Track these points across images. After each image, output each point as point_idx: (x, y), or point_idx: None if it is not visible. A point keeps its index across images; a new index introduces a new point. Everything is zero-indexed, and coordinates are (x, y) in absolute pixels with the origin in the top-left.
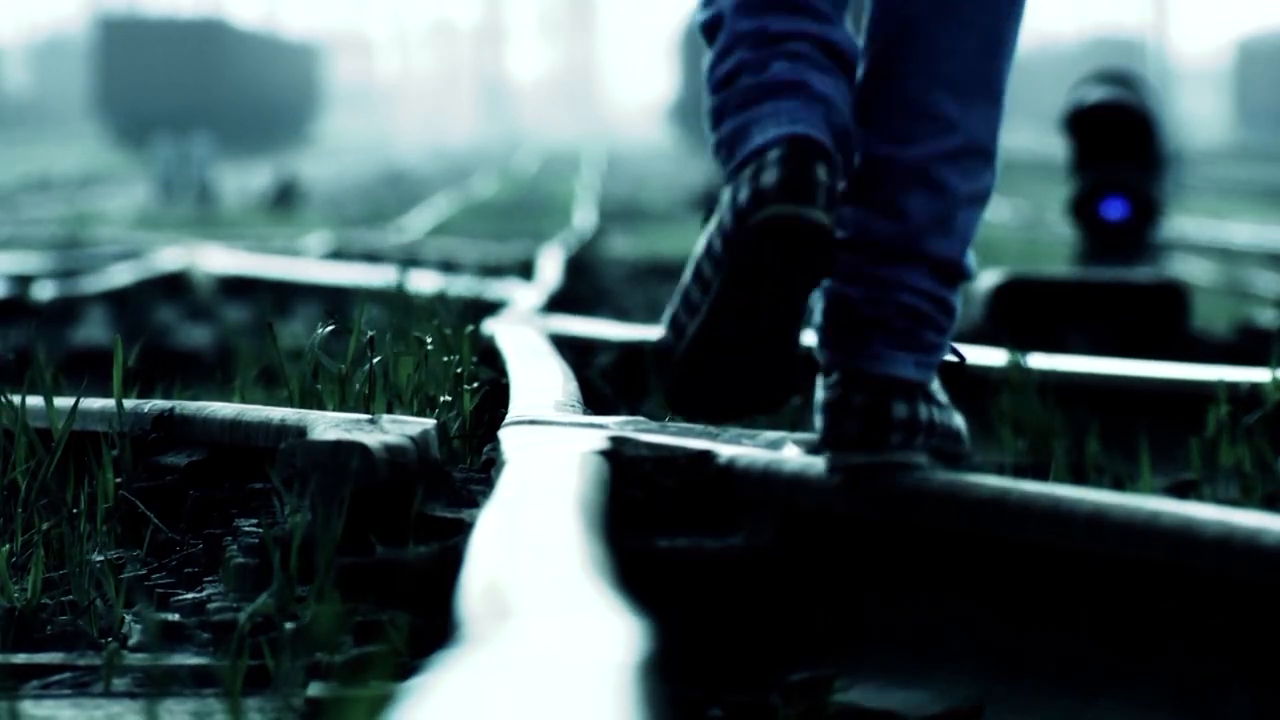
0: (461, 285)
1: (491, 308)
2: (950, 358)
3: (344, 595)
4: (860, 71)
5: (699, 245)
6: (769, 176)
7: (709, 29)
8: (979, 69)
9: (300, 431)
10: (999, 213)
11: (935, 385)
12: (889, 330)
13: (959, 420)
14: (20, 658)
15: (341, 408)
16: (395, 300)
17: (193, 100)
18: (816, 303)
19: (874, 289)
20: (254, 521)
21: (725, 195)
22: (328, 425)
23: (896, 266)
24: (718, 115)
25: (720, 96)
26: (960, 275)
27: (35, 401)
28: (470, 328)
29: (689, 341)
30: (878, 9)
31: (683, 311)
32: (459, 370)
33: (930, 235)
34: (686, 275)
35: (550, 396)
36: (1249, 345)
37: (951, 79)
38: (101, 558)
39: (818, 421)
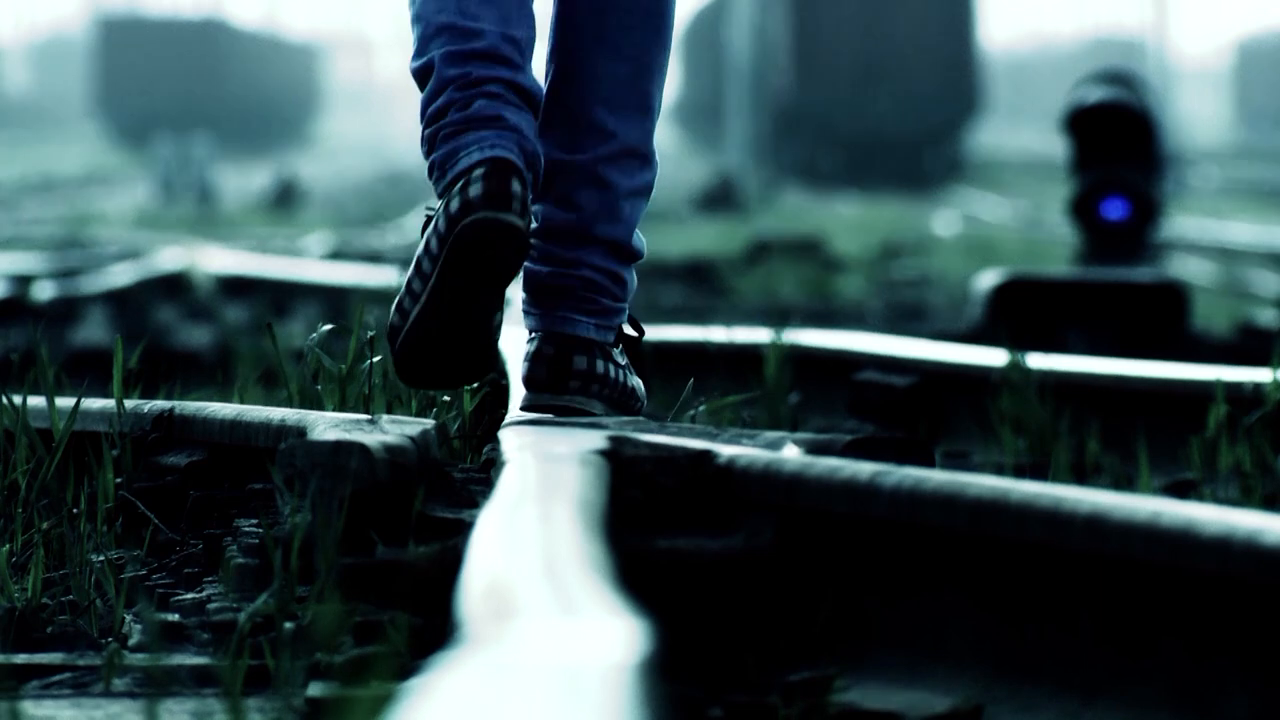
0: None
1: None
2: (630, 330)
3: (344, 595)
4: (545, 91)
5: (420, 246)
6: (475, 190)
7: (421, 74)
8: (632, 89)
9: (300, 431)
10: (999, 213)
11: (618, 351)
12: (573, 298)
13: (636, 381)
14: (20, 658)
15: (341, 408)
16: None
17: (193, 100)
18: (518, 285)
19: (559, 266)
20: (254, 521)
21: (440, 206)
22: (328, 425)
23: (576, 248)
24: (430, 143)
25: (432, 128)
26: (630, 254)
27: (35, 402)
28: None
29: (412, 322)
30: (552, 43)
31: (407, 299)
32: None
33: (600, 222)
34: (410, 270)
35: None
36: (1249, 345)
37: (609, 97)
38: (101, 558)
39: (521, 370)
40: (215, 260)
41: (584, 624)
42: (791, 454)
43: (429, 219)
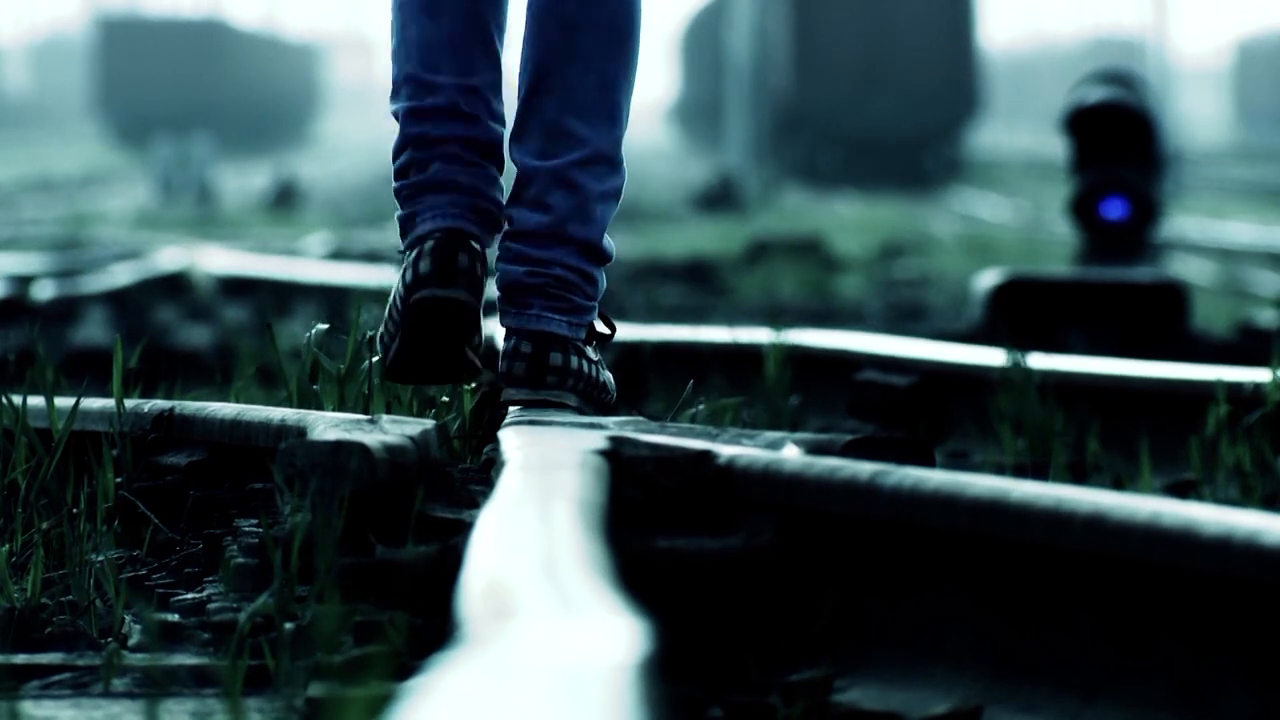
0: None
1: (491, 308)
2: (601, 328)
3: (344, 595)
4: (519, 101)
5: (392, 291)
6: (424, 265)
7: (395, 119)
8: (600, 99)
9: (300, 431)
10: (999, 213)
11: (590, 347)
12: (546, 296)
13: (608, 375)
14: (20, 658)
15: (341, 408)
16: None
17: (193, 100)
18: (492, 283)
19: (533, 266)
20: (254, 521)
21: (401, 267)
22: (328, 425)
23: (548, 249)
24: (398, 198)
25: (397, 184)
26: (601, 255)
27: (35, 401)
28: None
29: (392, 357)
30: (524, 57)
31: (386, 334)
32: None
33: (571, 223)
34: (389, 299)
35: None
36: (1249, 345)
37: (579, 106)
38: (101, 558)
39: (500, 366)
40: (215, 260)
41: (584, 624)
42: (791, 454)
43: (403, 261)
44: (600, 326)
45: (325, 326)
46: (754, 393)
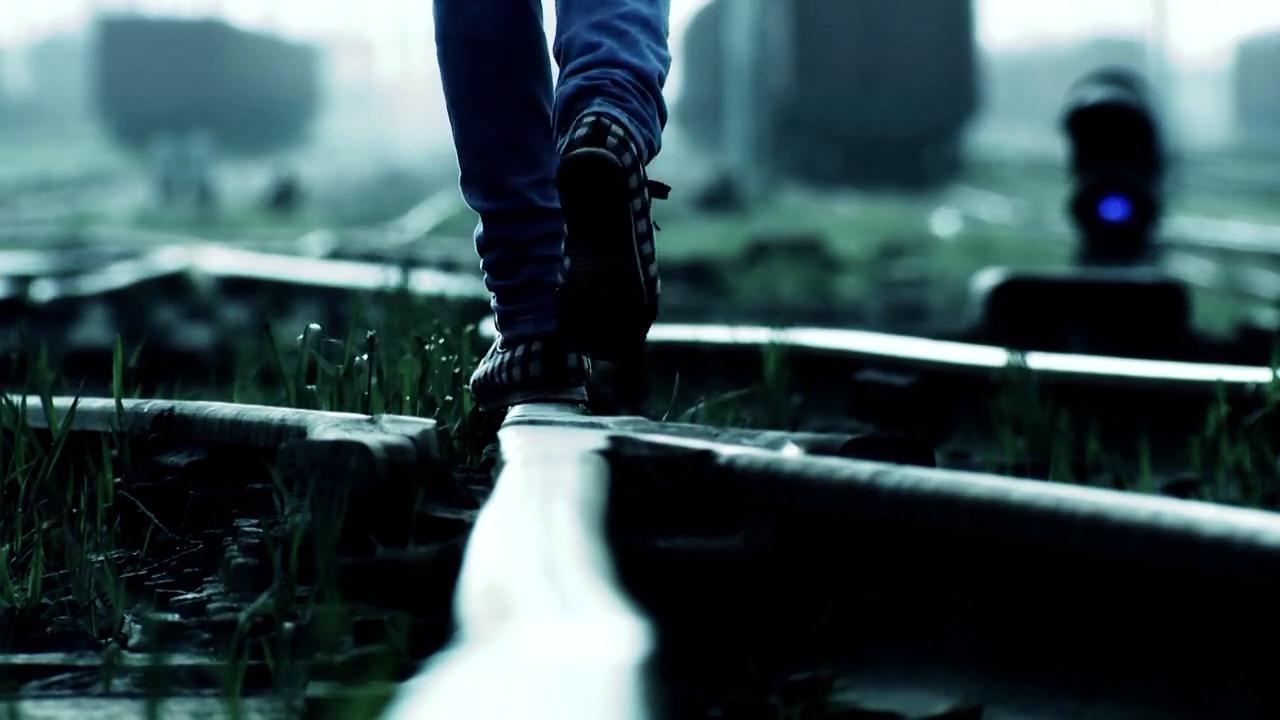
0: (462, 285)
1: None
2: (661, 184)
3: (344, 595)
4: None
5: (491, 364)
6: (535, 369)
7: (472, 208)
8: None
9: (300, 431)
10: (999, 213)
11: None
12: (604, 95)
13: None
14: (20, 658)
15: (341, 408)
16: (395, 300)
17: (193, 100)
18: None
19: (589, 76)
20: (254, 521)
21: (505, 356)
22: (328, 425)
23: (604, 69)
24: (490, 288)
25: (488, 277)
26: (657, 93)
27: (35, 401)
28: (470, 328)
29: (488, 406)
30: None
31: (482, 389)
32: (459, 370)
33: (623, 52)
34: (481, 373)
35: None
36: (1249, 345)
37: (628, 13)
38: (101, 558)
39: (513, 375)
40: (215, 260)
41: (584, 624)
42: (791, 454)
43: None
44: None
45: (317, 327)
46: (754, 393)
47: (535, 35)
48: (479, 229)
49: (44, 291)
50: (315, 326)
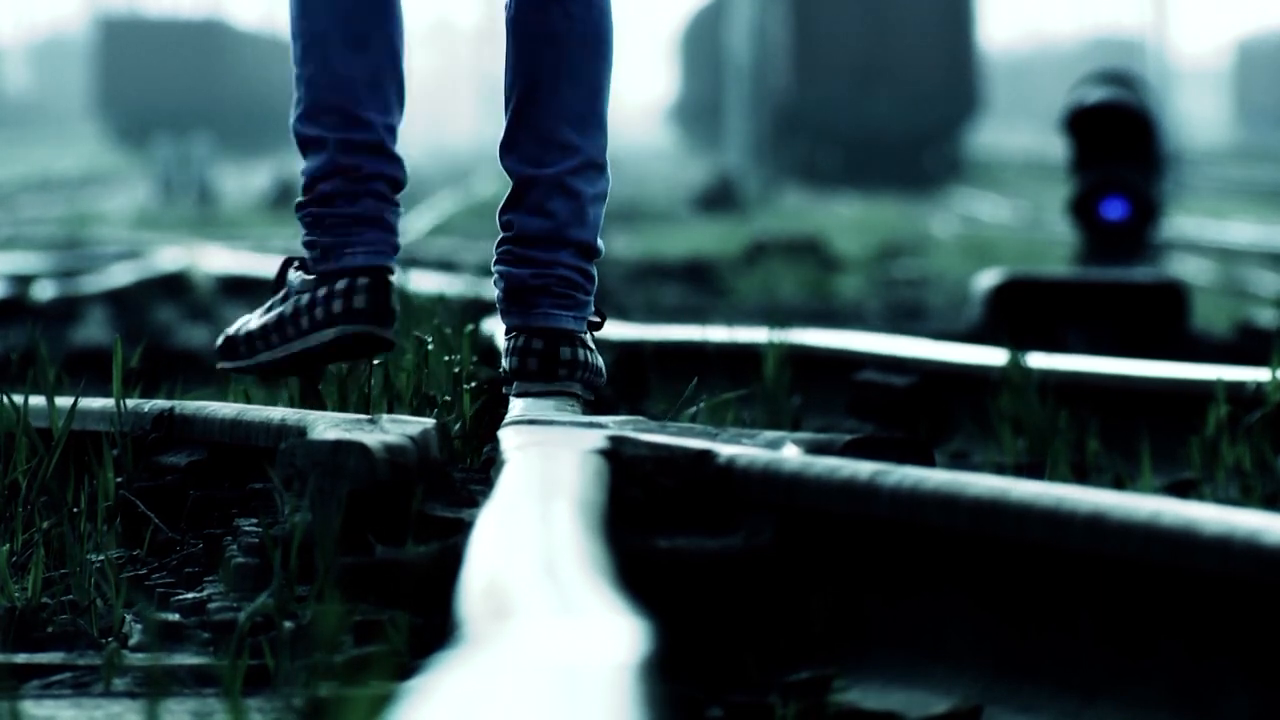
0: (462, 285)
1: (491, 308)
2: (594, 318)
3: (344, 595)
4: (509, 113)
5: (286, 308)
6: (359, 301)
7: (309, 142)
8: (588, 109)
9: (300, 431)
10: (999, 213)
11: (587, 336)
12: (552, 295)
13: (601, 360)
14: (20, 657)
15: (341, 408)
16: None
17: (193, 100)
18: (496, 286)
19: (539, 268)
20: (254, 521)
21: (320, 289)
22: (328, 425)
23: (552, 251)
24: (315, 220)
25: (319, 209)
26: (595, 252)
27: (36, 401)
28: (470, 327)
29: (254, 362)
30: (513, 72)
31: (259, 339)
32: (459, 370)
33: (571, 226)
34: (271, 318)
35: None
36: (1249, 345)
37: (571, 117)
38: (101, 557)
39: (505, 364)
40: (215, 260)
41: (584, 624)
42: (791, 454)
43: (292, 263)
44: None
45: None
46: (754, 393)
47: None
48: (314, 162)
49: (44, 291)
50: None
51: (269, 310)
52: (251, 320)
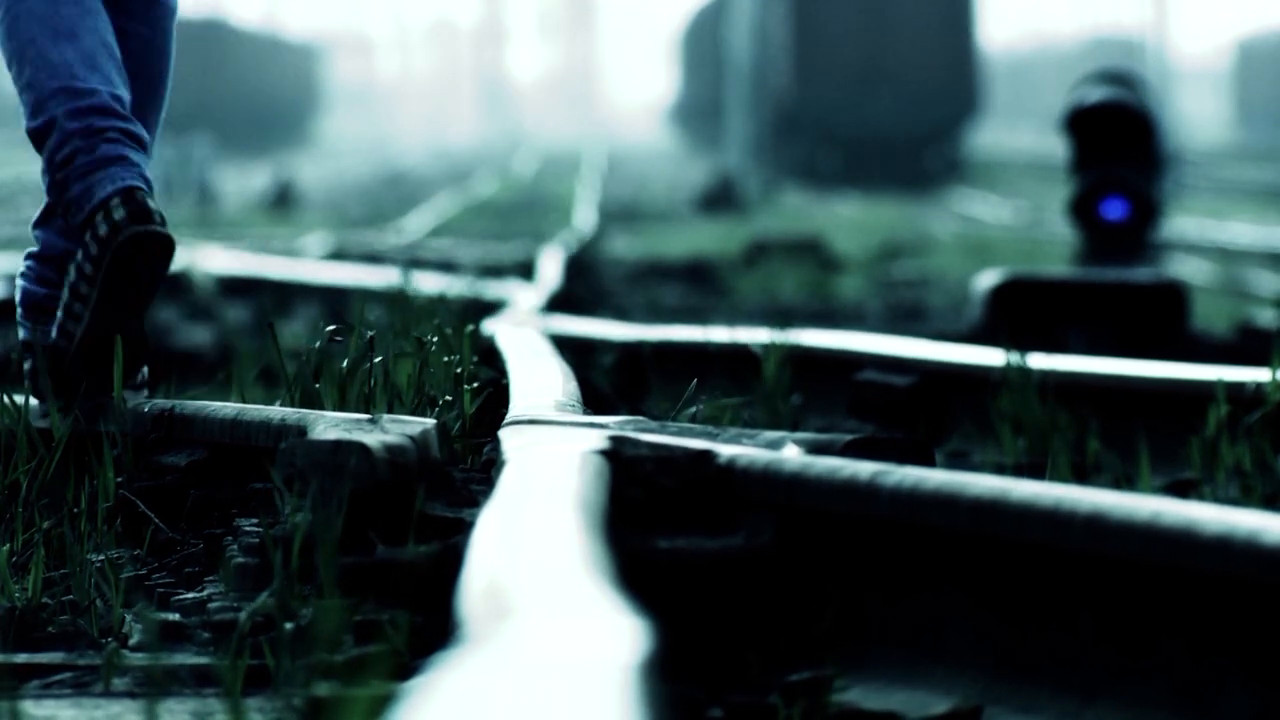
0: (462, 285)
1: (492, 308)
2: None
3: (344, 595)
4: None
5: (71, 276)
6: (119, 214)
7: (41, 133)
8: (155, 119)
9: (300, 431)
10: (999, 213)
11: None
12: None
13: None
14: (21, 657)
15: (342, 408)
16: (396, 300)
17: (193, 100)
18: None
19: (55, 289)
20: (254, 521)
21: (86, 237)
22: (328, 425)
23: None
24: (61, 187)
25: (62, 173)
26: None
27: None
28: (470, 328)
29: (79, 341)
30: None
31: (69, 322)
32: (459, 370)
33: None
34: (65, 297)
35: (550, 396)
36: (1249, 345)
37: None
38: (101, 557)
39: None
40: (215, 260)
41: (584, 624)
42: (791, 454)
43: (78, 257)
44: None
45: (333, 328)
46: (754, 393)
47: None
48: (48, 145)
49: None
50: (332, 327)
51: (63, 302)
52: (56, 318)
